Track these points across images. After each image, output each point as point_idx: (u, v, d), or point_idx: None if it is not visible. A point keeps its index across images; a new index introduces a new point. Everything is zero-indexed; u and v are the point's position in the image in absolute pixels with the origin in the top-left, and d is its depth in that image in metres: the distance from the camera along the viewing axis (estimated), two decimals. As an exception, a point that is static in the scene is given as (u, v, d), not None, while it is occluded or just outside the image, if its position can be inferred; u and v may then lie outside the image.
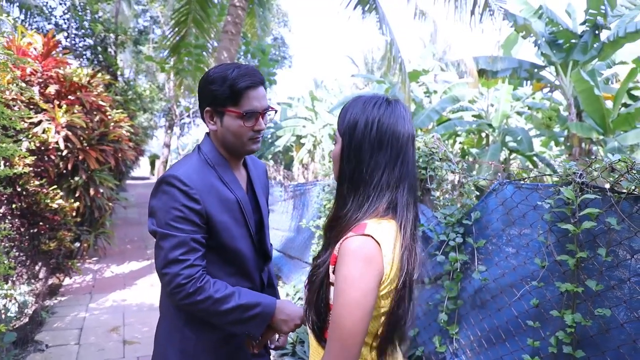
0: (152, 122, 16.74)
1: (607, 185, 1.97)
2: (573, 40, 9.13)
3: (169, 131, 17.33)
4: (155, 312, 4.69)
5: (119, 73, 11.46)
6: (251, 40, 11.95)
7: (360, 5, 8.08)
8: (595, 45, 8.87)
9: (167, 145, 17.59)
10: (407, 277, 1.10)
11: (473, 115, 13.29)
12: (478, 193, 3.21)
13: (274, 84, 8.53)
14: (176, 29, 9.23)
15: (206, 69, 10.93)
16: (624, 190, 1.80)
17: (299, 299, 4.58)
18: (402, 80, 9.04)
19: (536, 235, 2.20)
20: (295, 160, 20.33)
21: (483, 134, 13.25)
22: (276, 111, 1.52)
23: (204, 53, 10.13)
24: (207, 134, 1.51)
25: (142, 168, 24.45)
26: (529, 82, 9.96)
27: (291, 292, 4.79)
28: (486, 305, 2.44)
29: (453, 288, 2.68)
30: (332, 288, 1.08)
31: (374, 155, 1.09)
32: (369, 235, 1.03)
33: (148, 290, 5.35)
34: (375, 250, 1.02)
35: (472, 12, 7.26)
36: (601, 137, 8.69)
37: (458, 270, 2.66)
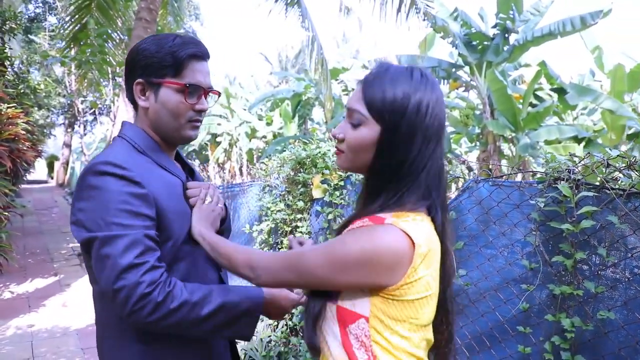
0: (49, 119, 14.99)
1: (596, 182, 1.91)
2: (486, 42, 9.64)
3: (69, 130, 15.66)
4: (70, 338, 4.06)
5: (7, 63, 10.04)
6: (163, 30, 11.15)
7: (282, -2, 7.84)
8: (505, 48, 9.44)
9: (68, 146, 15.91)
10: (449, 285, 1.01)
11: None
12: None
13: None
14: (77, 15, 8.26)
15: (114, 61, 10.00)
16: (623, 187, 1.74)
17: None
18: (323, 78, 8.94)
19: (520, 236, 2.10)
20: (210, 159, 19.55)
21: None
22: (219, 95, 1.30)
23: (110, 44, 9.22)
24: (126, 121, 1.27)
25: (37, 171, 21.94)
26: (446, 81, 10.36)
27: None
28: (467, 311, 2.30)
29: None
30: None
31: (422, 148, 0.90)
32: (391, 225, 0.88)
33: (60, 312, 4.64)
34: (400, 240, 0.86)
35: (399, 10, 7.31)
36: (513, 134, 9.27)
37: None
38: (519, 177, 2.49)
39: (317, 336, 0.95)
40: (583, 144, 8.47)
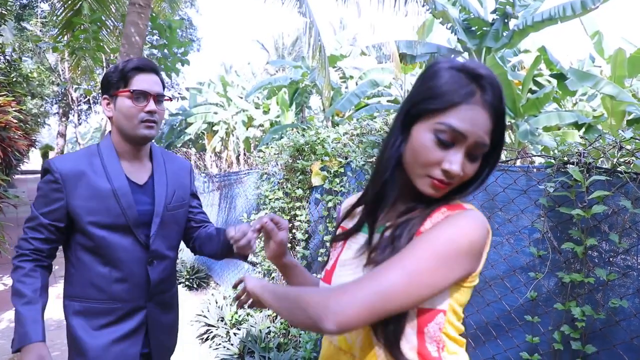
0: (43, 108, 14.78)
1: (606, 166, 1.84)
2: (485, 28, 9.49)
3: (63, 119, 15.44)
4: (65, 331, 3.99)
5: (-1, 51, 9.86)
6: (158, 17, 10.96)
7: (279, -16, 7.66)
8: (505, 33, 9.30)
9: (62, 135, 15.71)
10: None
11: (388, 101, 13.44)
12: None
13: (186, 63, 7.77)
14: (69, 1, 8.06)
15: (107, 49, 9.82)
16: (636, 171, 1.66)
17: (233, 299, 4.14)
18: (321, 65, 8.79)
19: (527, 223, 2.03)
20: (207, 148, 19.40)
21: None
22: (171, 99, 1.58)
23: (104, 30, 9.03)
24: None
25: (32, 161, 21.70)
26: (445, 67, 10.22)
27: (231, 292, 4.33)
28: (472, 300, 2.24)
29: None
30: None
31: None
32: (473, 210, 0.87)
33: (54, 304, 4.54)
34: (486, 224, 0.85)
35: (398, -6, 7.16)
36: (512, 120, 9.18)
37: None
38: (518, 165, 2.42)
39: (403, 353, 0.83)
40: (583, 130, 8.39)
